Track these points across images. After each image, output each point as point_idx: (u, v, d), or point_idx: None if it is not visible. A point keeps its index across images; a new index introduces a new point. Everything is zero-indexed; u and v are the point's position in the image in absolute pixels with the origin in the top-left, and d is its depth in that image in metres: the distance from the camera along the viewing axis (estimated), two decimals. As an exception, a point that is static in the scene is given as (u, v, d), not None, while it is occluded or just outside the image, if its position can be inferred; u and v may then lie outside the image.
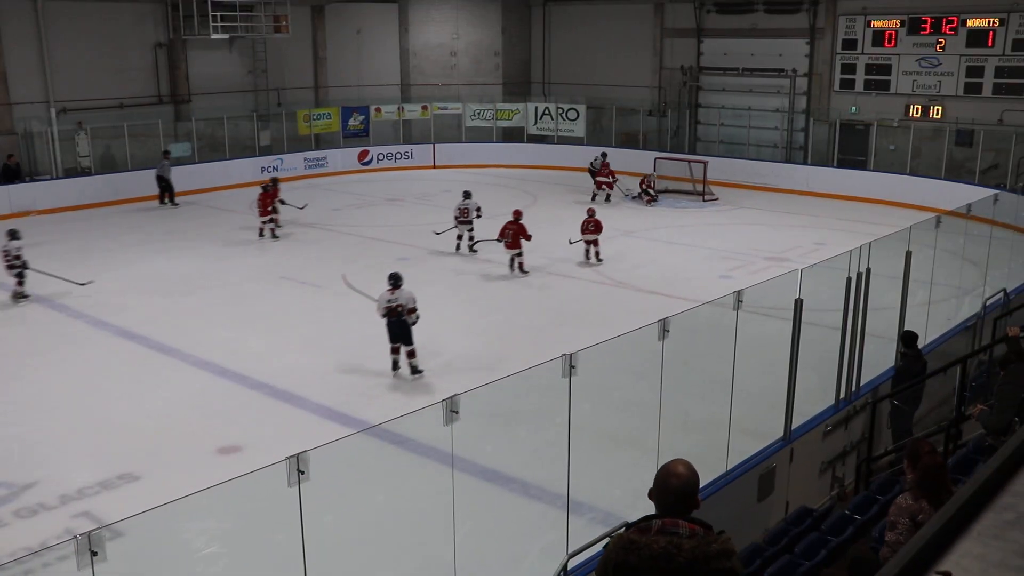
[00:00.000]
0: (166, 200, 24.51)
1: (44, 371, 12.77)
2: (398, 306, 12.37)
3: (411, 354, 12.50)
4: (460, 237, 19.34)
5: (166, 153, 25.23)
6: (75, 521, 8.68)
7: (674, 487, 3.25)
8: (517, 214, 17.90)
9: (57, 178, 24.53)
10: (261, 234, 20.47)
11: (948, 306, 13.49)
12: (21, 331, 14.46)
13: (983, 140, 24.18)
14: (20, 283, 15.94)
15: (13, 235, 16.15)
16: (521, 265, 17.62)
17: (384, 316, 12.48)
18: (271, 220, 20.43)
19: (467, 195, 19.45)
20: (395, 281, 12.60)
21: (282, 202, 20.81)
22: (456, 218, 19.28)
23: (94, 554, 4.27)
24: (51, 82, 25.04)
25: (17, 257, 15.91)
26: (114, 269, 18.02)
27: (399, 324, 12.39)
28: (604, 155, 25.82)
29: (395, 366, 12.58)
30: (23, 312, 15.39)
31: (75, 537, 4.30)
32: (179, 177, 25.85)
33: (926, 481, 5.41)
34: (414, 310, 12.46)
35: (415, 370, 12.45)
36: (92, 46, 25.91)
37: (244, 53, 29.46)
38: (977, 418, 8.00)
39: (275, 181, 21.22)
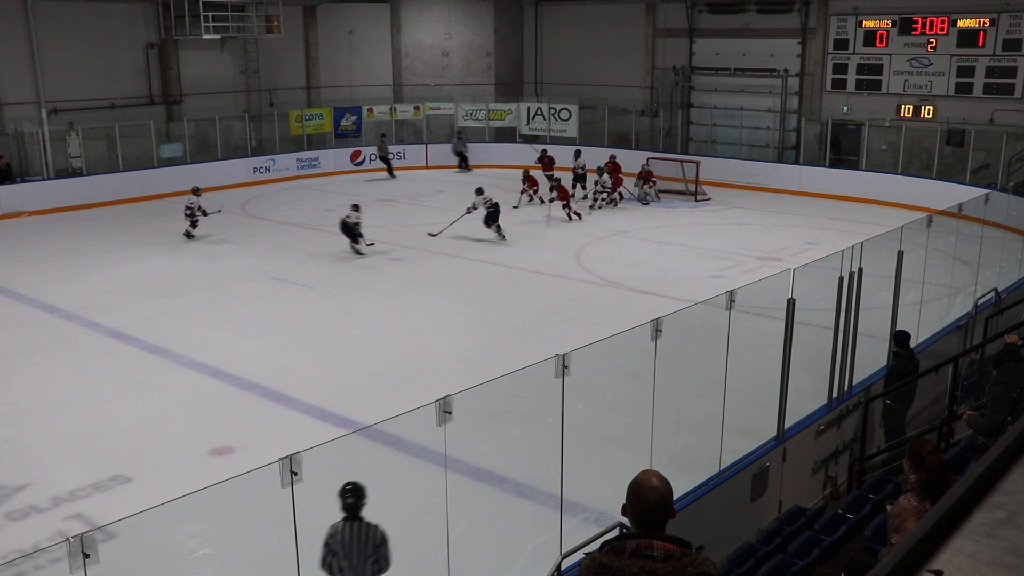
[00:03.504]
0: (464, 166, 30.22)
1: (36, 372, 12.72)
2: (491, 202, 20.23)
3: (499, 227, 20.08)
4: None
5: (460, 132, 30.69)
6: (67, 523, 8.65)
7: (650, 502, 3.15)
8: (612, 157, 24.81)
9: (48, 179, 24.45)
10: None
11: (940, 305, 13.54)
12: (12, 332, 14.40)
13: (974, 140, 24.28)
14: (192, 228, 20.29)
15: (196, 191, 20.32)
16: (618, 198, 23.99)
17: (487, 207, 20.05)
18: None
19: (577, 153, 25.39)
20: (480, 190, 20.67)
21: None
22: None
23: (86, 556, 4.26)
24: (42, 83, 24.96)
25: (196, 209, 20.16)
26: (105, 270, 17.98)
27: (495, 214, 20.08)
28: (544, 151, 26.75)
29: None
30: (14, 313, 15.33)
31: (67, 539, 4.29)
32: (170, 178, 25.90)
33: (932, 480, 5.32)
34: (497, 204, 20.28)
35: (501, 232, 20.15)
36: (83, 46, 25.83)
37: (236, 53, 29.40)
38: (968, 423, 8.02)
39: (544, 151, 26.35)
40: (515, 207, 23.22)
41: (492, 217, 20.16)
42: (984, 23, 24.28)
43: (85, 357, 13.36)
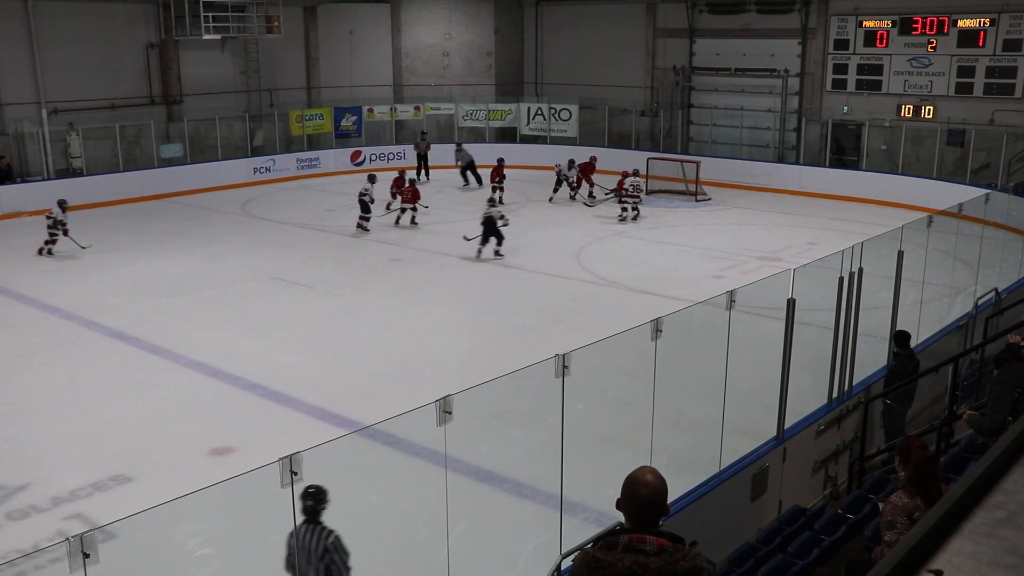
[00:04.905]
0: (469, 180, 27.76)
1: (36, 372, 12.72)
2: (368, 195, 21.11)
3: (368, 220, 21.08)
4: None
5: (459, 145, 28.22)
6: (67, 523, 8.65)
7: (644, 497, 3.17)
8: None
9: (48, 179, 24.43)
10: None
11: (940, 305, 13.54)
12: (12, 332, 14.41)
13: (974, 140, 24.27)
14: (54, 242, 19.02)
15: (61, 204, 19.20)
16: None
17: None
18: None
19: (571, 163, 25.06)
20: (372, 177, 21.58)
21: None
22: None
23: (86, 556, 4.25)
24: (42, 83, 24.95)
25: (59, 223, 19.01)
26: (106, 270, 17.98)
27: (364, 204, 21.05)
28: (501, 160, 25.11)
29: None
30: (14, 313, 15.33)
31: (67, 539, 4.29)
32: (170, 178, 25.91)
33: (918, 475, 5.39)
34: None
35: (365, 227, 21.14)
36: (83, 46, 25.82)
37: (236, 54, 29.40)
38: (968, 423, 8.02)
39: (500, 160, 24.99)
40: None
41: (364, 208, 21.15)
42: (984, 23, 24.27)
43: (85, 357, 13.37)
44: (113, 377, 12.53)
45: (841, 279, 9.34)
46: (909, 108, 25.76)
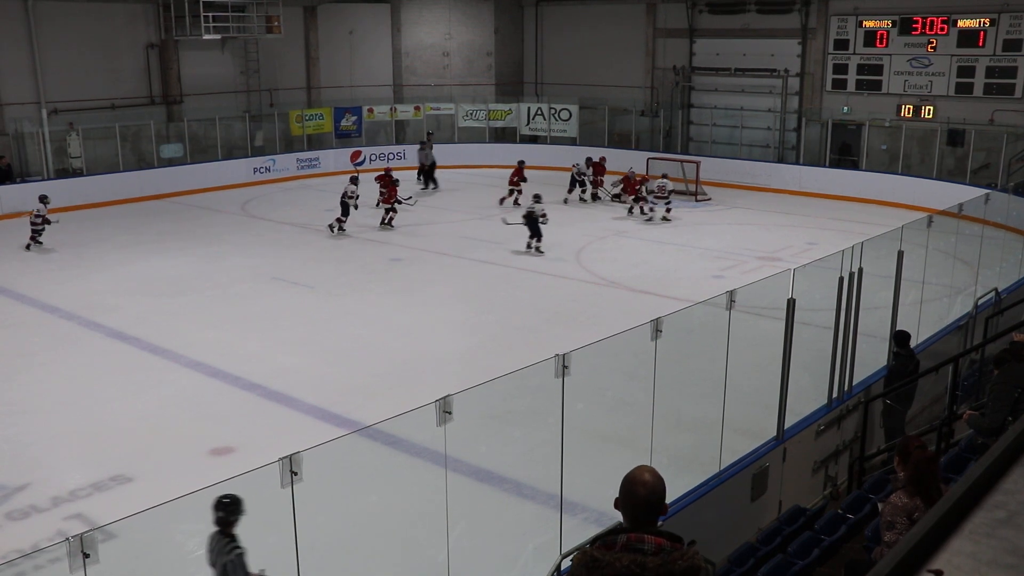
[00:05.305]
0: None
1: (36, 372, 12.72)
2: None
3: (342, 221, 20.86)
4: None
5: (423, 142, 27.58)
6: (67, 523, 8.65)
7: (642, 496, 3.19)
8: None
9: (48, 179, 24.43)
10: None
11: (940, 305, 13.54)
12: (13, 332, 14.41)
13: (974, 140, 24.28)
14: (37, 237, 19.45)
15: (43, 199, 19.60)
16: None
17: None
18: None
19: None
20: (355, 178, 21.25)
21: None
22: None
23: (86, 556, 4.26)
24: (42, 83, 24.95)
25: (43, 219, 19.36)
26: (106, 270, 17.97)
27: (345, 207, 20.80)
28: (521, 162, 24.93)
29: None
30: (14, 313, 15.33)
31: (67, 539, 4.29)
32: (170, 178, 25.91)
33: (918, 475, 5.40)
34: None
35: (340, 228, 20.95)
36: (83, 47, 25.83)
37: (236, 54, 29.40)
38: (968, 423, 8.02)
39: (521, 162, 24.83)
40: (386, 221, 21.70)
41: (344, 211, 21.13)
42: (984, 23, 24.28)
43: (85, 357, 13.36)
44: (113, 377, 12.52)
45: (841, 279, 9.34)
46: (909, 108, 25.77)
